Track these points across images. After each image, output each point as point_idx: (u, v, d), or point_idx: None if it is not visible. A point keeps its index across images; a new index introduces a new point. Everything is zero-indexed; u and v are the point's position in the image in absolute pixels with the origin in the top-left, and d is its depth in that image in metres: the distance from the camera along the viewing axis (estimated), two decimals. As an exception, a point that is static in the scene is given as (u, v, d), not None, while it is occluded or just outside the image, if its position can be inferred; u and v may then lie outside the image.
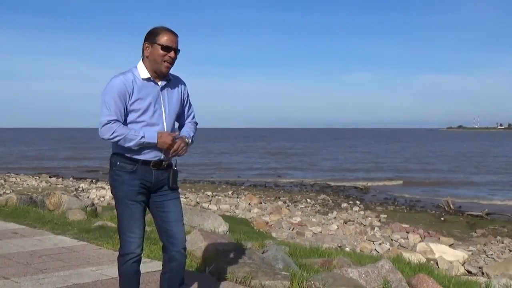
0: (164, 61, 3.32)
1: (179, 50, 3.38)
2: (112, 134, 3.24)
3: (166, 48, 3.30)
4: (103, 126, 3.25)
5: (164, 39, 3.31)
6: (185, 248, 3.51)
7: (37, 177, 32.74)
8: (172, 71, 3.44)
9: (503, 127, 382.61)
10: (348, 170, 44.22)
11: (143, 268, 3.76)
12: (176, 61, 3.38)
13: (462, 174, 40.21)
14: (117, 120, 3.25)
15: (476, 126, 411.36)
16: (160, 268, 3.62)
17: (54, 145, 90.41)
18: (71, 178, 33.44)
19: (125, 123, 3.31)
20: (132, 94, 3.29)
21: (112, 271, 5.04)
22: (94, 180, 31.77)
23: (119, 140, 3.26)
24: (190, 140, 3.50)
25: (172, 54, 3.32)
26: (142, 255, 3.50)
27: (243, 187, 30.97)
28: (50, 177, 33.45)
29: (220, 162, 52.63)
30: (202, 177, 36.44)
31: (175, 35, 3.36)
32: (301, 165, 48.59)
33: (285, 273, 4.91)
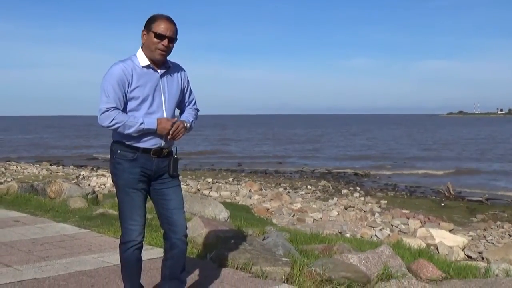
0: (158, 49, 3.31)
1: (176, 39, 3.37)
2: (112, 121, 3.25)
3: (159, 36, 3.29)
4: (102, 113, 3.25)
5: (159, 27, 3.30)
6: (186, 235, 3.54)
7: (38, 165, 32.77)
8: (172, 58, 3.44)
9: (503, 112, 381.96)
10: (351, 157, 44.18)
11: (145, 255, 3.78)
12: (174, 49, 3.38)
13: (469, 161, 39.41)
14: (116, 108, 3.26)
15: (477, 112, 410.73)
16: (162, 255, 3.65)
17: (54, 133, 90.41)
18: (71, 166, 33.48)
19: (125, 110, 3.31)
20: (132, 81, 3.29)
21: (114, 258, 5.07)
22: (94, 168, 31.79)
23: (118, 127, 3.27)
24: (189, 125, 3.51)
25: (165, 42, 3.31)
26: (143, 242, 3.53)
27: (243, 174, 31.01)
28: (50, 165, 33.46)
29: (220, 149, 52.65)
30: (202, 164, 36.49)
31: (172, 23, 3.34)
32: (303, 153, 48.59)
33: (285, 259, 4.93)
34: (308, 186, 25.24)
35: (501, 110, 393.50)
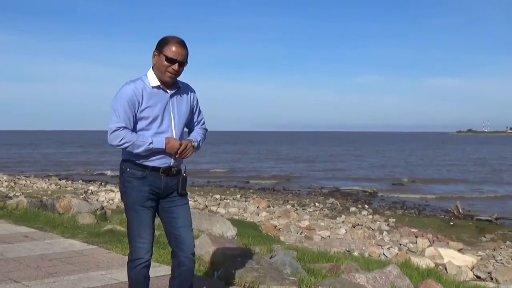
0: (167, 72, 3.35)
1: (186, 63, 3.40)
2: (121, 141, 3.29)
3: (170, 60, 3.33)
4: (112, 132, 3.30)
5: (171, 50, 3.33)
6: (193, 254, 3.55)
7: (47, 180, 32.88)
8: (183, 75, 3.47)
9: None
10: (360, 175, 44.02)
11: (152, 272, 3.80)
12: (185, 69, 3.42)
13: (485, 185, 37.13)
14: (125, 127, 3.30)
15: (486, 130, 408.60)
16: (169, 272, 3.66)
17: (63, 148, 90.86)
18: (80, 181, 33.57)
19: (134, 130, 3.36)
20: (142, 102, 3.34)
21: (121, 275, 5.08)
22: (103, 183, 31.87)
23: (127, 147, 3.31)
24: (196, 144, 3.54)
25: (176, 66, 3.35)
26: (151, 259, 3.55)
27: (251, 191, 30.97)
28: (59, 179, 33.58)
29: (228, 165, 52.66)
30: (210, 180, 36.51)
31: (184, 47, 3.38)
32: (312, 170, 48.50)
33: (293, 278, 4.93)
34: (316, 204, 25.16)
35: (511, 128, 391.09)
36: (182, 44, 3.38)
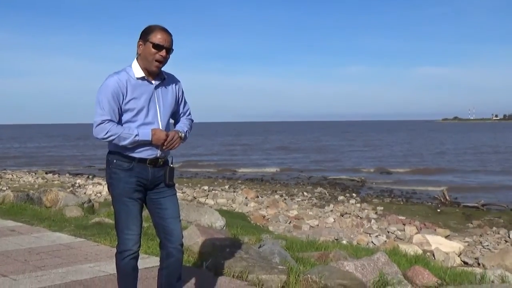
0: (155, 60, 3.33)
1: (172, 49, 3.39)
2: (106, 133, 3.27)
3: (157, 47, 3.32)
4: (97, 126, 3.28)
5: (156, 37, 3.32)
6: (182, 244, 3.55)
7: (33, 174, 32.71)
8: (167, 67, 3.46)
9: (498, 118, 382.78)
10: (348, 164, 44.21)
11: (141, 264, 3.79)
12: (169, 59, 3.40)
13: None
14: (110, 120, 3.28)
15: (472, 118, 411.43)
16: (158, 263, 3.66)
17: (49, 141, 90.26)
18: (67, 174, 33.43)
19: (120, 122, 3.34)
20: (126, 94, 3.32)
21: (110, 267, 5.07)
22: (90, 176, 31.75)
23: (113, 139, 3.29)
24: (183, 135, 3.53)
25: (163, 53, 3.33)
26: (139, 251, 3.54)
27: (239, 181, 30.99)
28: (46, 173, 33.39)
29: (216, 156, 52.66)
30: (198, 172, 36.48)
31: (169, 34, 3.37)
32: (300, 160, 48.63)
33: (281, 267, 4.94)
34: (305, 193, 25.25)
35: (496, 115, 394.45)
36: (166, 31, 3.38)
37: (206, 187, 25.80)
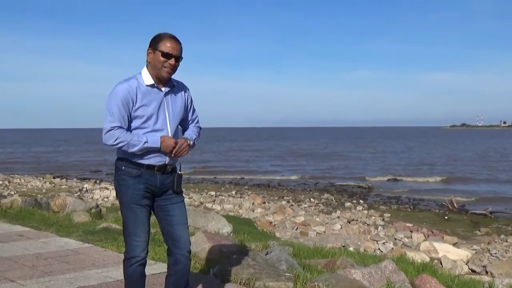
0: (164, 68, 3.35)
1: (181, 58, 3.41)
2: (115, 140, 3.29)
3: (166, 55, 3.33)
4: (107, 132, 3.30)
5: (165, 46, 3.34)
6: (190, 251, 3.55)
7: (41, 178, 32.82)
8: (176, 74, 3.48)
9: (506, 125, 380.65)
10: (355, 170, 44.12)
11: (148, 270, 3.80)
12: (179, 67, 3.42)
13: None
14: (120, 127, 3.30)
15: (480, 124, 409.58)
16: (165, 269, 3.67)
17: (57, 146, 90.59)
18: (74, 179, 33.53)
19: (129, 129, 3.36)
20: (136, 101, 3.33)
21: (117, 273, 5.08)
22: (98, 181, 31.84)
23: (122, 146, 3.31)
24: (192, 142, 3.55)
25: (172, 61, 3.35)
26: (147, 257, 3.55)
27: (246, 187, 30.98)
28: (54, 177, 33.52)
29: (222, 161, 52.68)
30: (205, 177, 36.51)
31: (178, 42, 3.39)
32: (306, 165, 48.57)
33: (288, 274, 4.94)
34: (311, 199, 25.20)
35: (504, 122, 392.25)
36: (176, 39, 3.39)
37: (213, 193, 25.81)
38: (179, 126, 3.58)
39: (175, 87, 3.51)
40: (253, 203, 22.13)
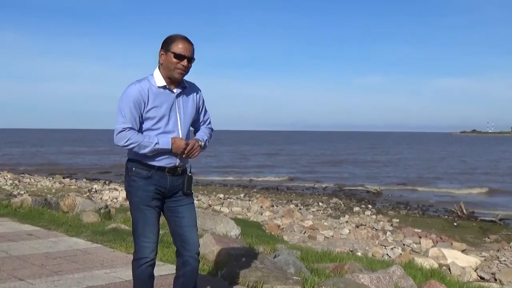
0: (177, 69, 3.37)
1: (193, 59, 3.42)
2: (127, 141, 3.31)
3: (179, 57, 3.34)
4: (118, 133, 3.32)
5: (178, 47, 3.35)
6: (198, 253, 3.56)
7: (51, 178, 32.98)
8: (188, 75, 3.49)
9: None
10: (363, 175, 43.99)
11: (156, 271, 3.80)
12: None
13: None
14: (131, 128, 3.32)
15: (490, 131, 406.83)
16: (173, 271, 3.67)
17: (67, 146, 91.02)
18: (84, 179, 33.66)
19: (140, 130, 3.37)
20: (148, 102, 3.35)
21: (126, 273, 5.10)
22: (107, 181, 31.94)
23: (133, 147, 3.33)
24: (203, 143, 3.55)
25: (185, 62, 3.36)
26: (156, 258, 3.56)
27: (255, 190, 30.98)
28: (63, 178, 33.67)
29: (231, 164, 52.71)
30: (214, 180, 36.54)
31: (190, 44, 3.40)
32: (315, 169, 48.49)
33: (296, 277, 4.94)
34: (320, 203, 25.16)
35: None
36: (188, 40, 3.40)
37: (221, 195, 25.82)
38: (190, 128, 3.59)
39: (187, 89, 3.52)
40: (261, 206, 22.11)
